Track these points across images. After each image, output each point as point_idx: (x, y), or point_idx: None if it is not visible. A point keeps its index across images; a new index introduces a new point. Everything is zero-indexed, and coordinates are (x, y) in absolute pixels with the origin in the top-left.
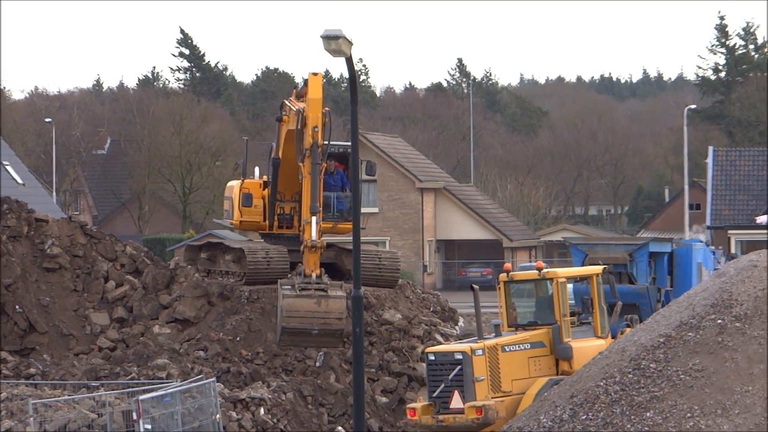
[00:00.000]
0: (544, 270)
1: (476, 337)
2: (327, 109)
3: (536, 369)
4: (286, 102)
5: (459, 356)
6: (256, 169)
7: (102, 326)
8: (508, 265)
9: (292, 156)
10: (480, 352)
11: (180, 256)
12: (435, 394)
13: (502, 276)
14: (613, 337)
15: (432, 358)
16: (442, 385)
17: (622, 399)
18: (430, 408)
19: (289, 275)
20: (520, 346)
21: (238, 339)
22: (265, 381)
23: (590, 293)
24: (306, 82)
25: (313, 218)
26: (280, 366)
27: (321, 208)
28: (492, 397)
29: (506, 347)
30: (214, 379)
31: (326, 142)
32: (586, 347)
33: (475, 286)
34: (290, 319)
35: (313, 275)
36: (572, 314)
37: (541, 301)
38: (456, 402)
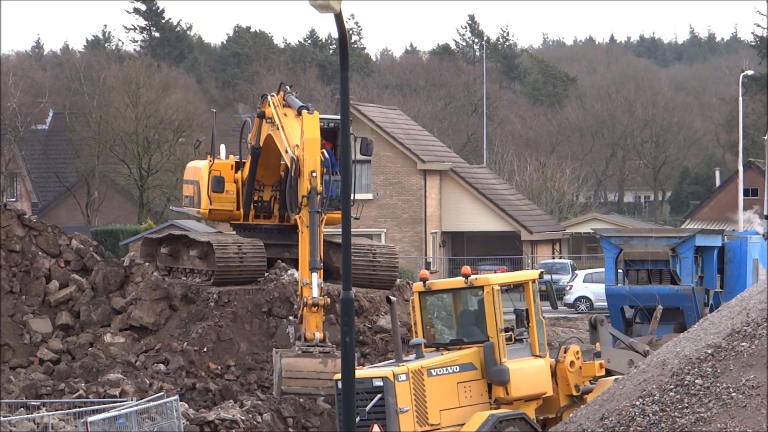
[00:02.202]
0: (473, 277)
1: (395, 360)
2: (325, 149)
3: (466, 396)
4: (270, 102)
5: (379, 383)
6: (222, 148)
7: (43, 335)
8: (425, 273)
9: (274, 144)
10: (404, 377)
11: (136, 251)
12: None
13: (417, 286)
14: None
15: None
16: (358, 418)
17: (662, 421)
18: None
19: (288, 330)
20: (448, 369)
21: (205, 350)
22: (238, 399)
23: (525, 304)
24: (299, 111)
25: (314, 275)
26: (255, 382)
27: (322, 264)
28: None
29: (432, 371)
30: (176, 397)
31: (325, 191)
32: (525, 369)
33: (392, 298)
34: (291, 381)
35: (316, 337)
36: (505, 330)
37: (467, 314)
38: None
